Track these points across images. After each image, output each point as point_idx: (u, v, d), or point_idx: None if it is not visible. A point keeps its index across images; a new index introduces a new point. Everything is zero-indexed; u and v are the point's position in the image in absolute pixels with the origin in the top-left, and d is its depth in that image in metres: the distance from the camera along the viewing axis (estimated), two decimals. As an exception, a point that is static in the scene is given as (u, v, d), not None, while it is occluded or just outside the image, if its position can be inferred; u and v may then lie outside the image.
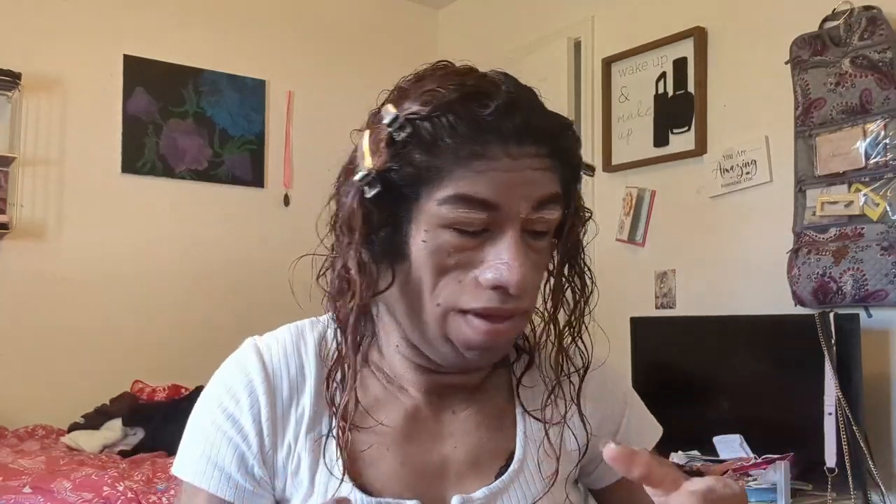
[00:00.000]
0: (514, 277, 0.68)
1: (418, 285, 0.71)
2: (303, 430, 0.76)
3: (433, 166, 0.68)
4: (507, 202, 0.68)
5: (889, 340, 2.36)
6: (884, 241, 2.27)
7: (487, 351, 0.73)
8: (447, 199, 0.68)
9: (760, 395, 2.46)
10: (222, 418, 0.76)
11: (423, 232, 0.69)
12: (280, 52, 3.78)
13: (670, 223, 3.01)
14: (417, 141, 0.68)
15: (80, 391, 3.01)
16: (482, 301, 0.69)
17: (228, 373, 0.79)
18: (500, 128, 0.68)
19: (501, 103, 0.68)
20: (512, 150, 0.68)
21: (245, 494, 0.75)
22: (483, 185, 0.67)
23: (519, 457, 0.79)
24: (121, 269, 3.33)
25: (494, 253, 0.69)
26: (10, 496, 1.96)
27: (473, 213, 0.68)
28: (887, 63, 2.28)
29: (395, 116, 0.69)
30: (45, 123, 3.22)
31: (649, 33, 3.08)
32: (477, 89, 0.69)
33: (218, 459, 0.75)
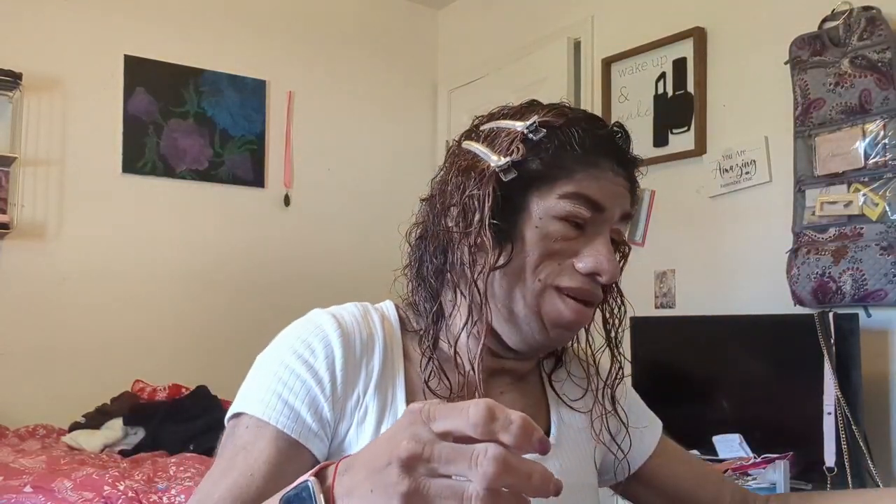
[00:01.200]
0: (609, 269, 0.82)
1: (523, 264, 0.82)
2: (372, 385, 0.81)
3: (558, 166, 0.82)
4: (610, 207, 0.83)
5: (888, 340, 2.36)
6: (883, 241, 2.27)
7: (568, 330, 0.85)
8: (568, 195, 0.82)
9: (760, 395, 2.46)
10: (297, 363, 0.79)
11: (538, 219, 0.82)
12: (280, 53, 3.78)
13: (670, 223, 3.02)
14: (549, 144, 0.82)
15: (80, 391, 3.01)
16: (578, 282, 0.82)
17: (301, 329, 0.83)
18: (611, 149, 0.84)
19: (613, 132, 0.85)
20: (616, 168, 0.84)
21: (310, 434, 0.77)
22: (598, 189, 0.82)
23: (554, 434, 0.90)
24: (121, 269, 3.33)
25: (591, 247, 0.82)
26: (10, 495, 1.96)
27: (584, 210, 0.82)
28: (886, 63, 2.29)
29: (533, 122, 0.82)
30: (46, 123, 3.22)
31: (649, 33, 3.08)
32: (593, 115, 0.87)
33: (289, 398, 0.77)
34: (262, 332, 0.88)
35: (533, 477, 0.46)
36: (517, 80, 3.62)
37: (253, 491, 0.73)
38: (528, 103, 0.89)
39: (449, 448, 0.46)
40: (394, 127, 4.05)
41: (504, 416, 0.46)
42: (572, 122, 0.83)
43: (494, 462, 0.44)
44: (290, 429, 0.76)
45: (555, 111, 0.85)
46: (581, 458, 0.92)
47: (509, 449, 0.45)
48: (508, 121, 0.85)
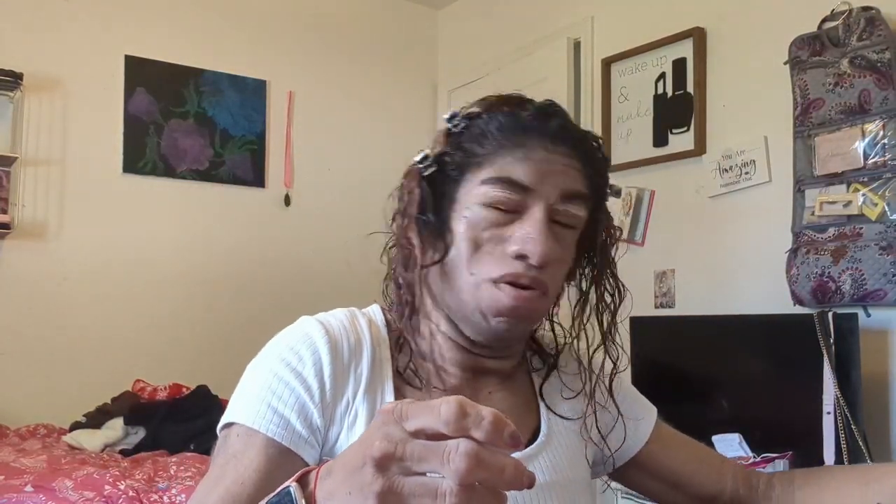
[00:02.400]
0: (535, 248, 0.78)
1: (458, 258, 0.82)
2: (361, 389, 0.82)
3: (480, 153, 0.82)
4: (539, 186, 0.80)
5: (888, 340, 2.36)
6: (882, 241, 2.28)
7: (512, 318, 0.81)
8: (489, 180, 0.81)
9: (759, 395, 2.46)
10: (285, 371, 0.80)
11: (465, 209, 0.82)
12: (281, 53, 3.78)
13: (669, 223, 3.02)
14: (470, 133, 0.83)
15: (81, 390, 3.02)
16: (509, 268, 0.80)
17: (289, 337, 0.83)
18: (539, 128, 0.82)
19: (540, 108, 0.83)
20: (548, 146, 0.81)
21: (300, 442, 0.78)
22: (520, 169, 0.80)
23: (544, 431, 0.90)
24: (122, 269, 3.34)
25: (522, 229, 0.80)
26: (11, 495, 1.97)
27: (508, 193, 0.80)
28: (886, 63, 2.29)
29: (453, 114, 0.84)
30: (47, 123, 3.23)
31: (649, 34, 3.09)
32: (521, 98, 0.84)
33: (278, 406, 0.78)
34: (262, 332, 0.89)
35: (506, 471, 0.45)
36: (517, 81, 3.60)
37: (244, 499, 0.73)
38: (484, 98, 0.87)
39: (421, 446, 0.46)
40: (394, 127, 4.05)
41: (475, 413, 0.46)
42: (495, 108, 0.83)
43: (466, 457, 0.44)
44: (279, 436, 0.77)
45: (485, 102, 0.84)
46: (573, 453, 0.91)
47: (482, 444, 0.45)
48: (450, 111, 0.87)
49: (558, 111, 0.83)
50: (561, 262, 0.83)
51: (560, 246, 0.82)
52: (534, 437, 0.90)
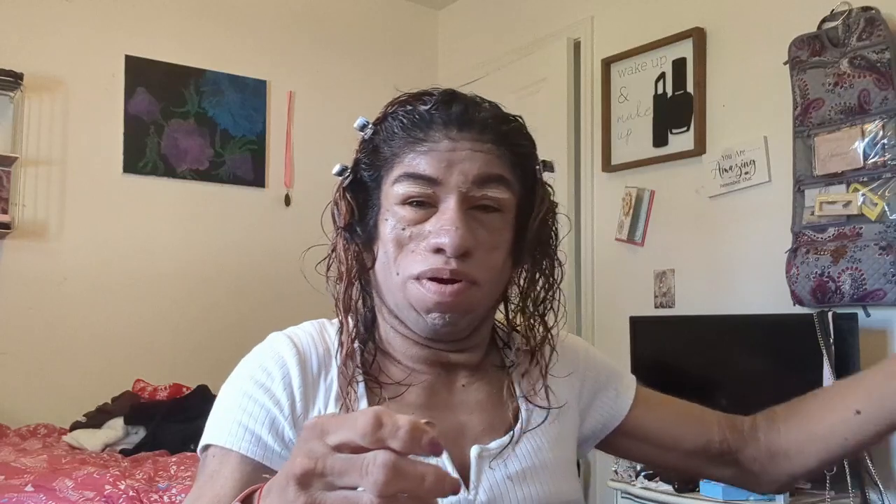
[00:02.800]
0: (450, 239, 0.77)
1: (386, 260, 0.82)
2: (332, 399, 0.83)
3: (388, 155, 0.82)
4: (446, 176, 0.79)
5: (887, 340, 2.37)
6: (882, 241, 2.28)
7: (444, 313, 0.80)
8: (398, 178, 0.81)
9: (759, 394, 2.45)
10: (255, 388, 0.82)
11: (385, 211, 0.82)
12: (281, 53, 3.79)
13: (669, 223, 3.02)
14: (380, 137, 0.83)
15: (81, 390, 3.02)
16: (427, 264, 0.79)
17: (259, 354, 0.86)
18: (441, 117, 0.81)
19: (441, 98, 0.82)
20: (453, 134, 0.81)
21: (273, 456, 0.79)
22: (425, 163, 0.80)
23: (524, 418, 0.89)
24: (122, 269, 3.34)
25: (439, 222, 0.79)
26: (12, 494, 1.97)
27: (418, 188, 0.80)
28: (885, 63, 2.29)
29: (364, 121, 0.85)
30: (47, 123, 3.23)
31: (648, 34, 3.09)
32: (423, 91, 0.83)
33: (249, 423, 0.80)
34: (262, 332, 0.89)
35: (426, 479, 0.45)
36: (517, 81, 3.63)
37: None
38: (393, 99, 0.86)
39: (341, 460, 0.46)
40: (394, 127, 4.05)
41: (391, 423, 0.45)
42: (395, 107, 0.83)
43: (383, 469, 0.44)
44: (252, 453, 0.79)
45: (391, 102, 0.84)
46: (555, 434, 0.91)
47: (401, 454, 0.45)
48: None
49: (459, 97, 0.83)
50: (489, 248, 0.81)
51: (486, 231, 0.81)
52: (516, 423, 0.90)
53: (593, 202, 3.34)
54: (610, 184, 3.26)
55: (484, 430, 0.87)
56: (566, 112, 3.42)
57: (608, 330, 3.19)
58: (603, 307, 3.28)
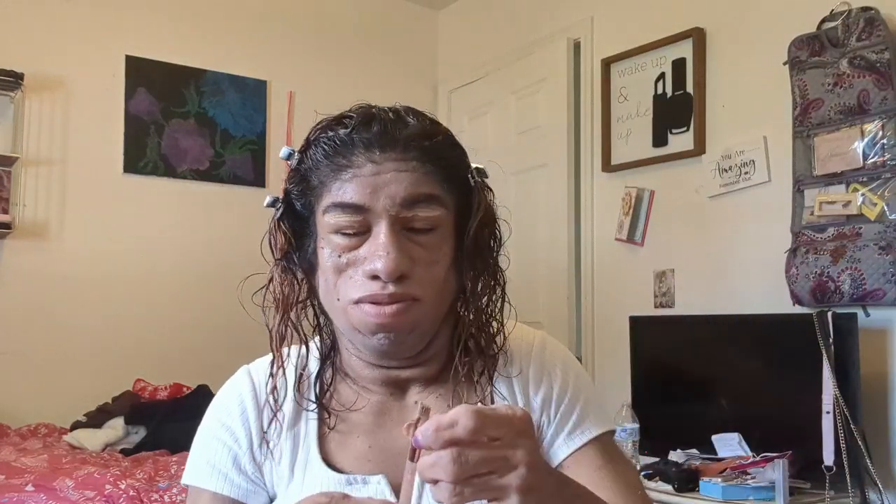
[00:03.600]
0: (384, 265, 0.76)
1: (326, 287, 0.82)
2: (285, 428, 0.87)
3: (316, 184, 0.81)
4: (373, 202, 0.78)
5: (887, 339, 2.37)
6: (881, 241, 2.28)
7: (389, 334, 0.80)
8: (327, 209, 0.80)
9: (759, 394, 2.47)
10: (218, 428, 0.89)
11: (321, 240, 0.81)
12: (281, 53, 3.79)
13: (669, 223, 3.03)
14: (305, 166, 0.82)
15: (82, 390, 3.02)
16: (366, 290, 0.78)
17: (223, 393, 0.92)
18: (362, 140, 0.79)
19: (360, 119, 0.80)
20: (375, 156, 0.79)
21: (242, 491, 0.86)
22: (350, 191, 0.78)
23: None
24: (123, 269, 3.34)
25: (372, 247, 0.78)
26: (12, 494, 1.97)
27: (347, 217, 0.78)
28: (885, 63, 2.29)
29: (289, 151, 0.84)
30: (48, 123, 3.23)
31: (648, 34, 3.09)
32: (343, 114, 0.82)
33: (216, 462, 0.87)
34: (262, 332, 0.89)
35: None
36: (517, 81, 3.63)
37: None
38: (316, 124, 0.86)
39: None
40: (394, 127, 4.05)
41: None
42: (316, 135, 0.82)
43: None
44: (222, 489, 0.86)
45: (314, 128, 0.83)
46: None
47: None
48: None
49: (378, 115, 0.80)
50: (427, 263, 0.79)
51: (422, 248, 0.79)
52: None
53: (593, 202, 3.34)
54: (610, 184, 3.26)
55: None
56: (566, 112, 3.42)
57: (608, 329, 3.19)
58: (603, 307, 3.28)
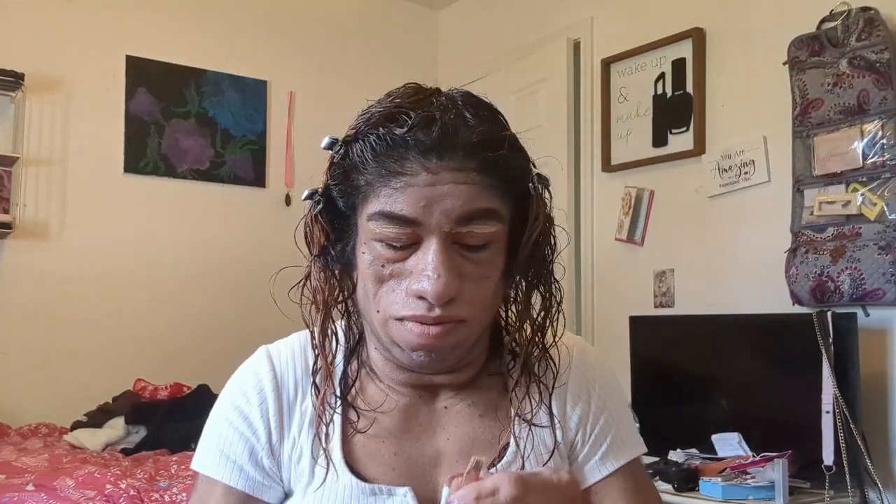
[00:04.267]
0: (432, 288, 0.70)
1: (364, 294, 0.76)
2: (306, 424, 0.82)
3: (362, 184, 0.74)
4: (426, 217, 0.71)
5: (886, 339, 2.37)
6: (881, 241, 2.28)
7: (430, 353, 0.75)
8: (372, 216, 0.72)
9: (759, 394, 2.47)
10: (235, 415, 0.83)
11: (363, 244, 0.75)
12: (281, 53, 3.79)
13: (669, 223, 3.03)
14: (350, 161, 0.74)
15: (82, 390, 3.03)
16: (411, 309, 0.73)
17: (241, 376, 0.85)
18: (418, 143, 0.71)
19: (418, 119, 0.71)
20: (431, 164, 0.71)
21: (256, 486, 0.81)
22: (401, 201, 0.71)
23: (512, 450, 0.81)
24: (123, 269, 3.35)
25: (421, 265, 0.72)
26: (13, 494, 1.97)
27: (395, 229, 0.71)
28: (885, 64, 2.30)
29: (331, 141, 0.76)
30: (48, 123, 3.24)
31: (648, 34, 3.09)
32: (399, 107, 0.72)
33: (230, 453, 0.81)
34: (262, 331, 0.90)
35: None
36: (517, 81, 3.63)
37: None
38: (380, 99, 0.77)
39: None
40: (394, 127, 4.05)
41: None
42: (365, 129, 0.73)
43: None
44: (236, 483, 0.81)
45: (360, 117, 0.76)
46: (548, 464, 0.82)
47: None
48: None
49: (438, 117, 0.71)
50: (477, 280, 0.74)
51: (473, 265, 0.73)
52: (502, 454, 0.81)
53: (593, 202, 3.35)
54: (610, 184, 3.26)
55: (461, 462, 0.79)
56: (566, 112, 3.42)
57: (608, 329, 3.19)
58: (603, 307, 3.28)
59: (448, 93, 0.75)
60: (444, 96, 0.74)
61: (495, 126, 0.74)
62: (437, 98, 0.74)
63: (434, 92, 0.75)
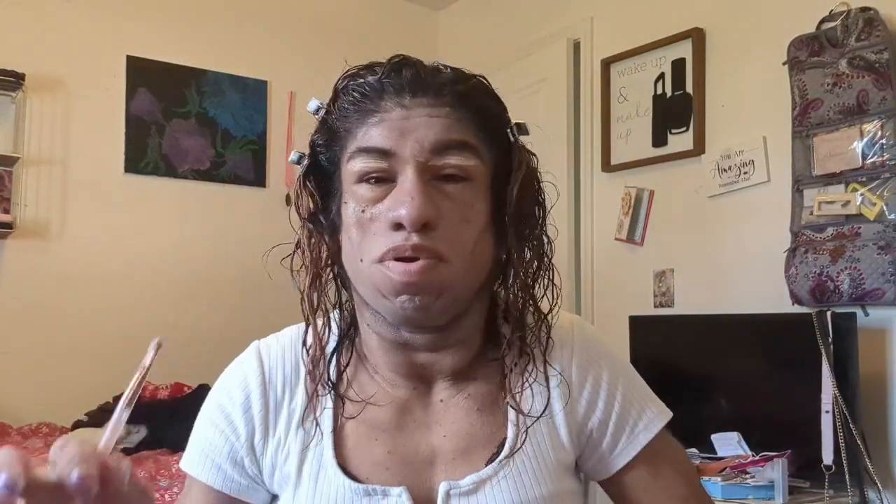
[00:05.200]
0: (406, 211, 0.70)
1: (350, 247, 0.76)
2: (294, 424, 0.80)
3: (342, 133, 0.76)
4: (400, 147, 0.73)
5: (886, 339, 2.37)
6: (880, 241, 2.29)
7: (413, 295, 0.71)
8: (351, 155, 0.75)
9: (758, 393, 2.47)
10: (217, 414, 0.82)
11: (345, 194, 0.76)
12: (282, 53, 3.80)
13: (669, 223, 3.03)
14: (332, 117, 0.77)
15: (83, 389, 3.03)
16: (389, 242, 0.72)
17: (228, 374, 0.85)
18: (392, 85, 0.75)
19: (390, 66, 0.76)
20: (405, 101, 0.74)
21: (236, 486, 0.81)
22: (376, 135, 0.74)
23: (510, 445, 0.79)
24: (124, 269, 3.35)
25: (397, 195, 0.72)
26: (15, 493, 1.98)
27: (372, 162, 0.73)
28: (884, 64, 2.30)
29: (317, 105, 0.79)
30: (49, 124, 3.24)
31: (648, 34, 3.10)
32: (374, 63, 0.77)
33: (210, 452, 0.81)
34: (263, 331, 0.90)
35: None
36: (517, 81, 3.64)
37: None
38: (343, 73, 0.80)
39: None
40: (394, 127, 4.06)
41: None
42: (344, 83, 0.77)
43: None
44: (218, 484, 0.81)
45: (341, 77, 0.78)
46: (546, 463, 0.80)
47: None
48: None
49: (411, 61, 0.76)
50: (457, 220, 0.72)
51: (451, 202, 0.73)
52: (499, 449, 0.79)
53: (593, 202, 3.35)
54: (609, 184, 3.26)
55: (457, 459, 0.78)
56: (566, 112, 3.43)
57: (607, 329, 3.19)
58: (602, 306, 3.29)
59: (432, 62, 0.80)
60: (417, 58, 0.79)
61: (468, 72, 0.79)
62: (406, 56, 0.78)
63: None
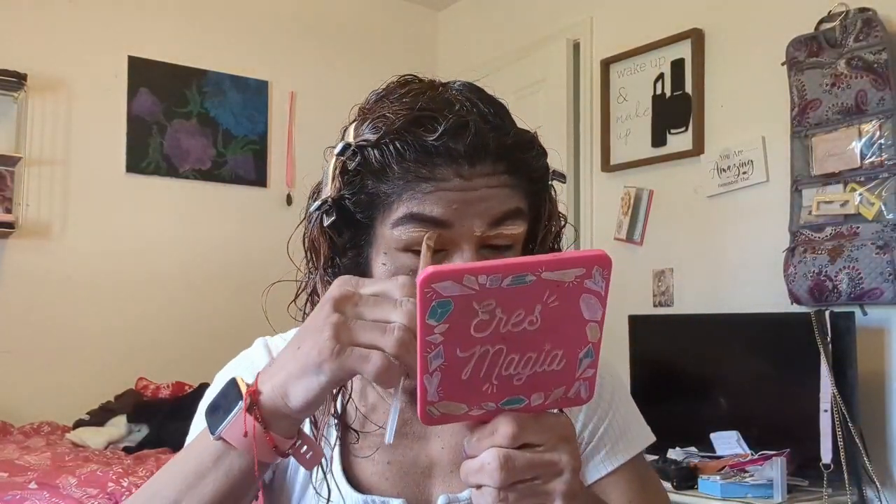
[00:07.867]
0: None
1: None
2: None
3: (384, 192, 0.69)
4: (460, 221, 0.68)
5: (884, 338, 2.38)
6: (879, 240, 2.29)
7: None
8: (398, 221, 0.69)
9: (757, 392, 2.48)
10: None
11: (382, 255, 0.71)
12: (283, 54, 3.80)
13: (668, 222, 3.04)
14: (368, 169, 0.70)
15: (85, 388, 3.04)
16: None
17: (236, 362, 0.85)
18: (450, 151, 0.68)
19: (450, 126, 0.68)
20: (464, 171, 0.68)
21: None
22: (432, 203, 0.68)
23: None
24: (125, 268, 3.36)
25: None
26: (16, 492, 1.99)
27: (425, 232, 0.68)
28: (882, 64, 2.31)
29: (345, 146, 0.71)
30: (51, 124, 3.25)
31: (647, 35, 3.10)
32: (425, 112, 0.69)
33: None
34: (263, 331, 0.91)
35: None
36: (517, 82, 3.64)
37: None
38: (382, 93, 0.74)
39: (374, 298, 0.58)
40: (395, 127, 4.07)
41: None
42: (389, 135, 0.69)
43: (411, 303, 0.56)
44: None
45: (378, 119, 0.70)
46: None
47: None
48: (350, 128, 0.73)
49: (470, 123, 0.68)
50: None
51: None
52: None
53: (592, 202, 3.36)
54: (609, 184, 3.27)
55: (455, 472, 0.77)
56: (566, 112, 3.43)
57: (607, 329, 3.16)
58: (602, 306, 3.29)
59: (457, 88, 0.73)
60: (460, 94, 0.72)
61: (520, 129, 0.73)
62: (452, 95, 0.71)
63: (443, 88, 0.73)
